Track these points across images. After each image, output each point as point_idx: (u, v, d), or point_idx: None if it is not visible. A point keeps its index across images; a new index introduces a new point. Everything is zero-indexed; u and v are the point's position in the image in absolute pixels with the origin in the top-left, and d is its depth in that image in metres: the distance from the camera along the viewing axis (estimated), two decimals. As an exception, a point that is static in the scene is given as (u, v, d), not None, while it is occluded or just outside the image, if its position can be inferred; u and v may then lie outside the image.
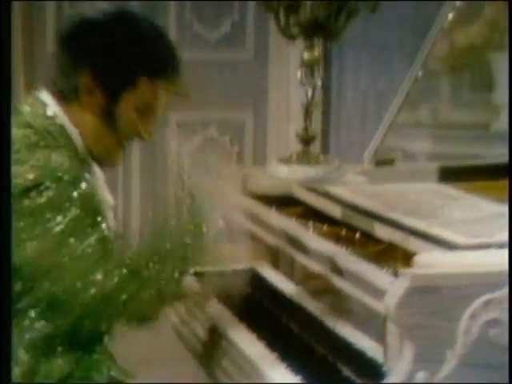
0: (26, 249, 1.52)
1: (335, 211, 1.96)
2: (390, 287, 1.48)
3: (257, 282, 2.04)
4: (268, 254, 2.08)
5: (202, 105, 3.55)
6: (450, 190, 2.09)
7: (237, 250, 1.94)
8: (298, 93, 2.26)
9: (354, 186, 2.13)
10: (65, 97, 1.63)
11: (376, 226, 1.81)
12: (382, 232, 1.79)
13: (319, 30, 2.09)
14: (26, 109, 1.64)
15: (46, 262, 1.52)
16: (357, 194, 2.02)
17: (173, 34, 3.15)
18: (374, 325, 1.61)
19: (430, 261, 1.54)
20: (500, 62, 2.55)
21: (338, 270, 1.69)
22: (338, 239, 1.84)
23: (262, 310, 1.93)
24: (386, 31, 3.44)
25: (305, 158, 2.19)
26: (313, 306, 1.85)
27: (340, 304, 1.75)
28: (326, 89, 3.58)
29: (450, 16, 2.36)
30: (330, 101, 3.63)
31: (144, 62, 1.62)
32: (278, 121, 3.54)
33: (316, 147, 2.30)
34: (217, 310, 1.93)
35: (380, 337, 1.54)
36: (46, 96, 1.64)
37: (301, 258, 1.86)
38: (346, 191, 2.04)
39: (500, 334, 1.47)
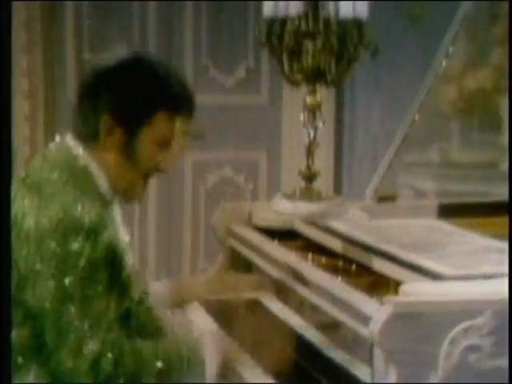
0: (41, 289, 1.59)
1: (334, 244, 2.04)
2: (375, 314, 1.56)
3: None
4: (272, 284, 2.18)
5: (218, 145, 3.65)
6: (446, 226, 2.16)
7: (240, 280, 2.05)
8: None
9: (353, 221, 2.20)
10: (86, 140, 1.72)
11: (371, 258, 1.89)
12: (377, 264, 1.87)
13: (321, 76, 2.21)
14: (50, 151, 1.74)
15: (57, 309, 1.58)
16: (355, 228, 2.09)
17: (189, 79, 3.25)
18: (365, 350, 1.68)
19: (416, 290, 1.61)
20: (508, 105, 2.63)
21: (331, 299, 1.77)
22: (334, 270, 1.93)
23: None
24: (398, 75, 3.55)
25: (307, 194, 2.28)
26: (311, 334, 1.91)
27: (334, 331, 1.84)
28: (338, 129, 3.70)
29: (444, 63, 2.48)
30: (341, 141, 3.74)
31: (159, 98, 1.70)
32: (291, 160, 3.62)
33: (318, 184, 2.39)
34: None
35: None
36: (69, 139, 1.74)
37: (300, 289, 1.94)
38: (345, 226, 2.12)
39: (479, 360, 1.53)
